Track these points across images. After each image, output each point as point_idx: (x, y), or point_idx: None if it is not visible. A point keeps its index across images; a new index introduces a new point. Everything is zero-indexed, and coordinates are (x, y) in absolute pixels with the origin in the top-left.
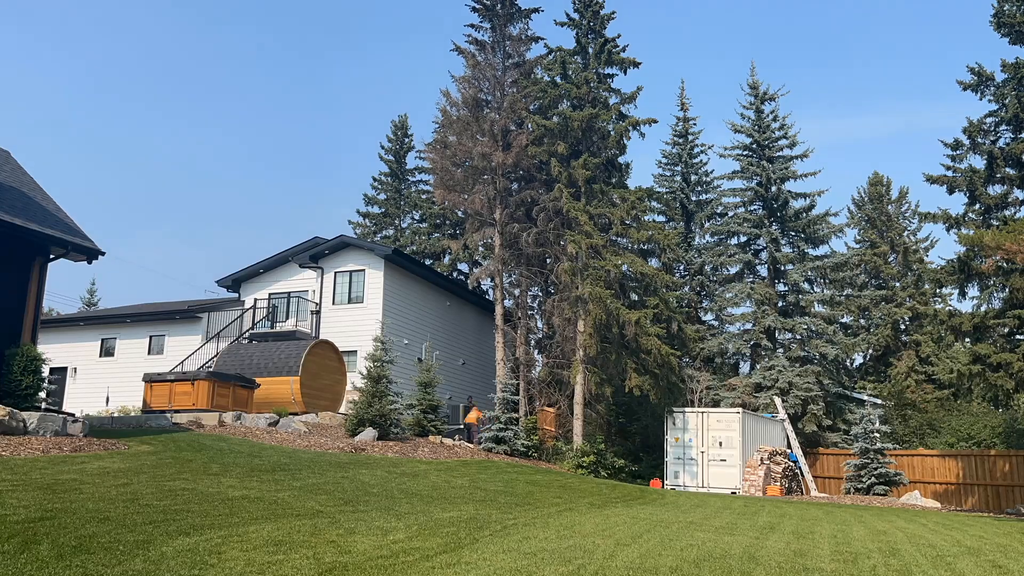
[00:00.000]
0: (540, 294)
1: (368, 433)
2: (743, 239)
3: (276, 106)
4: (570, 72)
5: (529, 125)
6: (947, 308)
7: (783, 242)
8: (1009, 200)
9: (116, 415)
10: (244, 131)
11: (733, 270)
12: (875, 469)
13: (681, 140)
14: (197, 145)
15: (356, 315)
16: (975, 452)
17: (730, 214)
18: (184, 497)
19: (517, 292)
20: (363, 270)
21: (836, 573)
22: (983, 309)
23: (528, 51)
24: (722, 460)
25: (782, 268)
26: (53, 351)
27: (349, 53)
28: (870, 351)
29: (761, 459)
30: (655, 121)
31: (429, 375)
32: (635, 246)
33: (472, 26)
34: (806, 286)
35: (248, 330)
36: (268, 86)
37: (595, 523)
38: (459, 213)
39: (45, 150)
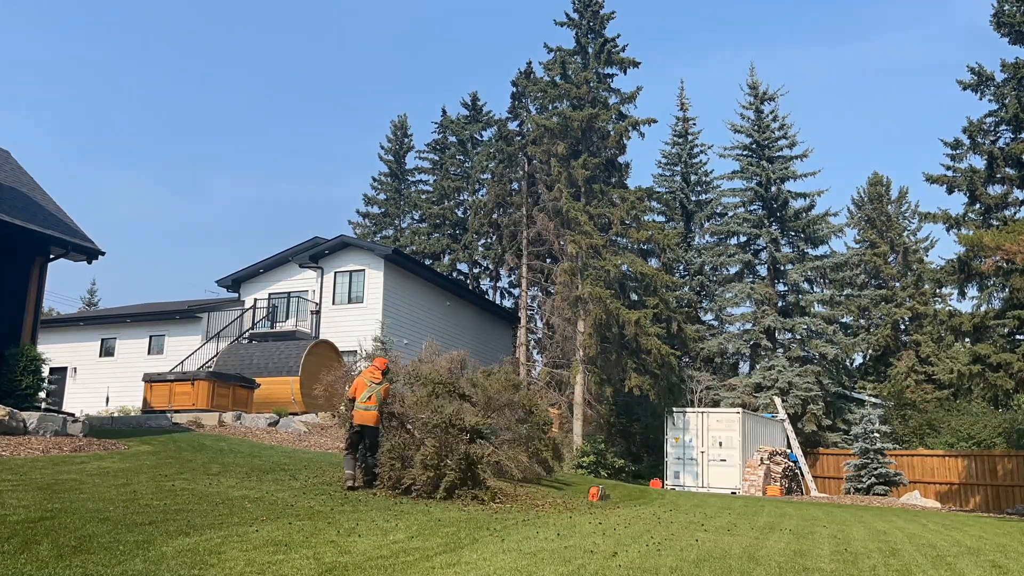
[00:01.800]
0: (540, 294)
1: None
2: (743, 239)
3: (276, 104)
4: (570, 72)
5: (529, 126)
6: (947, 308)
7: (783, 242)
8: (1009, 200)
9: (116, 415)
10: (243, 130)
11: (733, 270)
12: (875, 469)
13: (681, 140)
14: (194, 144)
15: (356, 315)
16: (975, 452)
17: (730, 214)
18: (184, 497)
19: (517, 292)
20: (363, 270)
21: (836, 573)
22: (983, 309)
23: None
24: (722, 460)
25: (782, 268)
26: (53, 351)
27: (349, 53)
28: (870, 351)
29: (761, 459)
30: (655, 121)
31: None
32: (635, 246)
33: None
34: (806, 286)
35: (248, 330)
36: (267, 85)
37: (595, 523)
38: (459, 213)
39: (44, 149)
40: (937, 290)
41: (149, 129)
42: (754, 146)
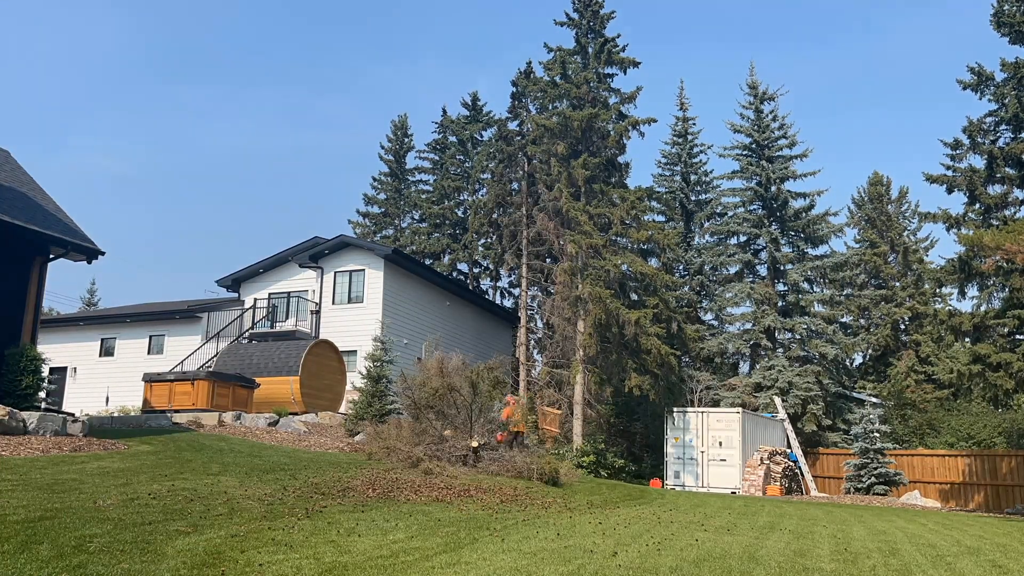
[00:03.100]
0: (540, 294)
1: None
2: (743, 239)
3: (276, 104)
4: (570, 72)
5: (529, 126)
6: (947, 308)
7: (783, 242)
8: (1009, 200)
9: (116, 415)
10: (244, 131)
11: (733, 270)
12: (875, 469)
13: (680, 140)
14: (195, 145)
15: (356, 315)
16: (975, 452)
17: (730, 214)
18: (184, 497)
19: (517, 292)
20: (363, 270)
21: (836, 573)
22: (983, 309)
23: None
24: (722, 460)
25: (782, 268)
26: (53, 351)
27: (349, 51)
28: (870, 351)
29: (761, 459)
30: (655, 121)
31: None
32: (635, 246)
33: None
34: (806, 286)
35: (248, 330)
36: (265, 82)
37: (595, 523)
38: (459, 213)
39: (44, 149)
40: (937, 290)
41: (148, 127)
42: (754, 146)
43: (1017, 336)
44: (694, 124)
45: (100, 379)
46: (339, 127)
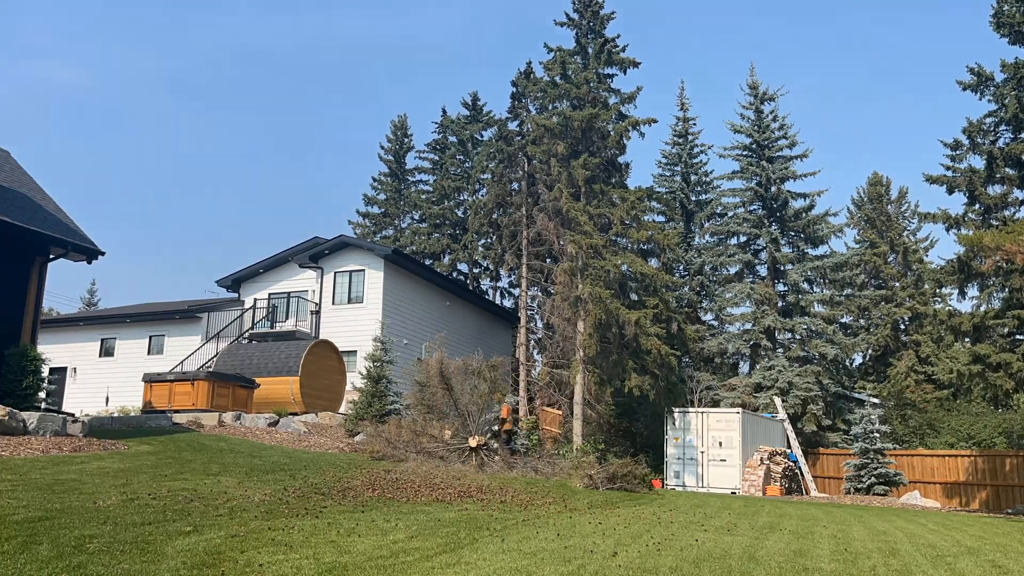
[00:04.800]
0: (540, 294)
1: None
2: (743, 239)
3: (276, 104)
4: (570, 72)
5: (529, 126)
6: (947, 308)
7: (783, 242)
8: (1009, 200)
9: (116, 415)
10: (243, 131)
11: (733, 270)
12: (875, 469)
13: (681, 140)
14: (196, 145)
15: (356, 315)
16: (975, 452)
17: (730, 214)
18: (184, 497)
19: (517, 292)
20: (363, 270)
21: (836, 573)
22: (983, 309)
23: None
24: (722, 460)
25: (782, 268)
26: (53, 351)
27: (349, 51)
28: (870, 351)
29: (761, 459)
30: (655, 121)
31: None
32: (635, 246)
33: None
34: (806, 286)
35: (248, 330)
36: (267, 84)
37: (595, 523)
38: (459, 213)
39: (46, 150)
40: (937, 290)
41: (147, 137)
42: (754, 146)
43: (1017, 336)
44: (694, 124)
45: (100, 379)
46: (339, 127)
